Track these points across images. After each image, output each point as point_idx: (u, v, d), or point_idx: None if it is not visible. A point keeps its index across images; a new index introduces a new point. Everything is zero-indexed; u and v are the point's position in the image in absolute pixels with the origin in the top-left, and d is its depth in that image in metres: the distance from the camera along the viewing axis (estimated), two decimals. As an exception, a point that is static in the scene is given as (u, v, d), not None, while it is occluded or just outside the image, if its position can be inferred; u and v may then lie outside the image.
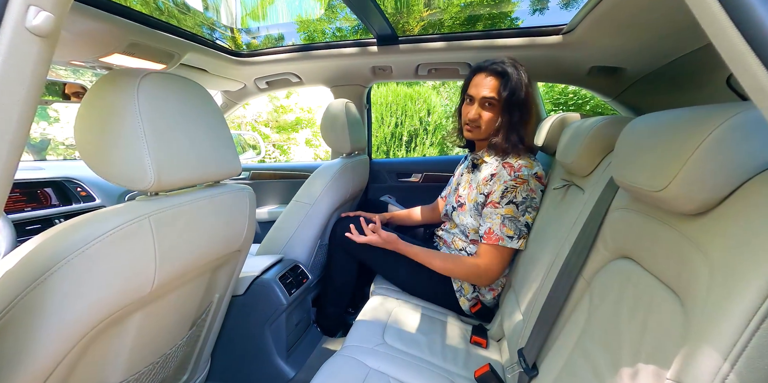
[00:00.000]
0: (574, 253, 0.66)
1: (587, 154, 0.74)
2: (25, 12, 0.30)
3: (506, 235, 0.91)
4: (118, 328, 0.52)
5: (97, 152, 0.48)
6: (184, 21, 2.64)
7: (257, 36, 5.46)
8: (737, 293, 0.31)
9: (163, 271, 0.51)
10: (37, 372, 0.39)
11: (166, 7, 2.69)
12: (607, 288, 0.56)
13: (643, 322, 0.45)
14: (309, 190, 1.16)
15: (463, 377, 0.80)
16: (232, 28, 4.17)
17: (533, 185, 0.92)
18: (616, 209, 0.59)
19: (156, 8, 2.58)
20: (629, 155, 0.50)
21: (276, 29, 5.56)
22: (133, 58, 0.92)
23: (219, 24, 3.19)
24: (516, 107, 0.93)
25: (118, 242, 0.45)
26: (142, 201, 0.51)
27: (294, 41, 5.85)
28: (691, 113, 0.42)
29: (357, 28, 6.25)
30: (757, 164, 0.35)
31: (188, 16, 2.59)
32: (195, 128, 0.57)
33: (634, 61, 1.04)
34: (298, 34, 6.33)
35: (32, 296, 0.38)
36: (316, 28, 6.27)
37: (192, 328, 0.73)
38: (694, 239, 0.39)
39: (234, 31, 3.38)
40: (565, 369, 0.57)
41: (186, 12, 2.70)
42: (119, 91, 0.47)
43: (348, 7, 0.98)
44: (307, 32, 6.17)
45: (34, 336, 0.39)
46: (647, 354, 0.42)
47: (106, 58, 0.88)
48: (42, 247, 0.40)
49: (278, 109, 6.69)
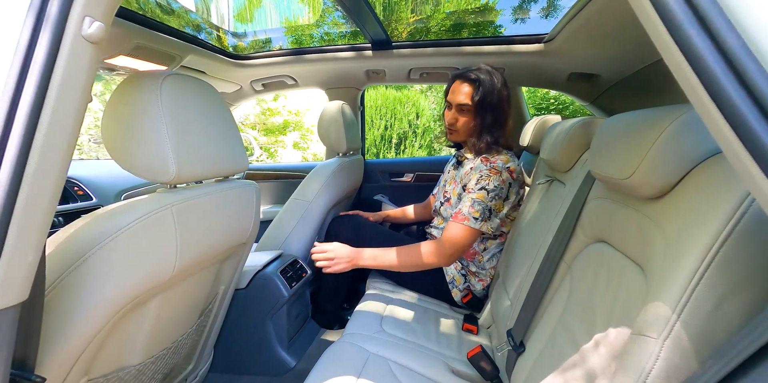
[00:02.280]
0: (557, 240, 0.73)
1: (568, 151, 0.82)
2: (81, 22, 0.34)
3: (472, 216, 0.95)
4: (140, 312, 0.55)
5: (124, 147, 0.51)
6: (168, 21, 2.62)
7: (244, 39, 5.43)
8: (683, 259, 0.38)
9: (183, 258, 0.55)
10: (74, 346, 0.43)
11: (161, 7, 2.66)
12: (585, 269, 0.63)
13: (614, 295, 0.52)
14: (307, 188, 1.20)
15: (457, 360, 0.85)
16: (218, 29, 4.13)
17: (505, 176, 0.98)
18: (593, 199, 0.67)
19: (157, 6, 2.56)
20: (603, 150, 0.57)
21: (263, 33, 5.53)
22: (137, 60, 0.95)
23: (204, 25, 3.17)
24: (488, 111, 1.00)
25: (146, 229, 0.48)
26: (164, 193, 0.55)
27: (281, 45, 5.86)
28: (651, 113, 0.49)
29: (345, 32, 6.31)
30: (701, 154, 0.42)
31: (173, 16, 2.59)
32: (209, 126, 0.61)
33: (608, 68, 1.14)
34: (286, 38, 6.34)
35: (73, 276, 0.42)
36: (303, 31, 6.30)
37: (200, 317, 0.76)
38: (654, 219, 0.46)
39: (220, 32, 3.38)
40: (549, 343, 0.63)
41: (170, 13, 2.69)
42: (144, 92, 0.51)
43: (345, 13, 1.03)
44: (295, 36, 6.20)
45: (74, 312, 0.42)
46: (616, 320, 0.49)
47: (111, 59, 0.90)
48: (79, 233, 0.44)
49: (266, 111, 6.65)
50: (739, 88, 0.23)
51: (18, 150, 0.31)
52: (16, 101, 0.31)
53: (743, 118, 0.23)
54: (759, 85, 0.23)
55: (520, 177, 1.05)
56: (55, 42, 0.32)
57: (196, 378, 0.86)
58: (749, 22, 0.23)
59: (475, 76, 1.00)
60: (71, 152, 0.36)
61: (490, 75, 1.00)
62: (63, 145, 0.34)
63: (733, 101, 0.23)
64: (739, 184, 0.36)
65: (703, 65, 0.24)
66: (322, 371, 0.72)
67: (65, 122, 0.34)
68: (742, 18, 0.23)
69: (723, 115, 0.24)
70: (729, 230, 0.35)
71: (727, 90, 0.23)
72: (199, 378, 0.88)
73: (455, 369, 0.82)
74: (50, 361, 0.42)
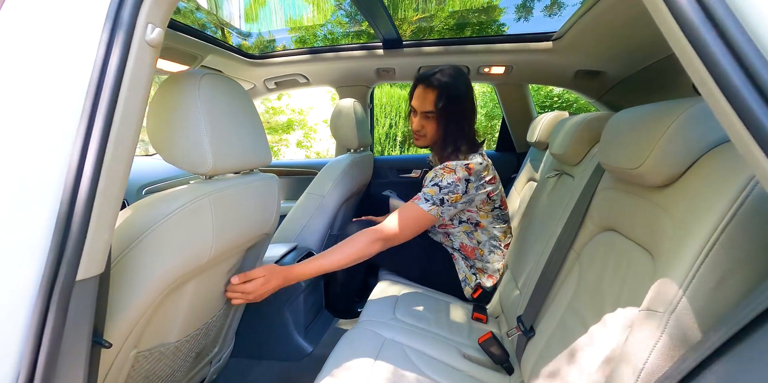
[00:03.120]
0: (566, 231, 0.76)
1: (577, 145, 0.85)
2: (145, 28, 0.38)
3: (425, 196, 0.93)
4: (179, 293, 0.59)
5: (167, 142, 0.55)
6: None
7: (248, 38, 5.47)
8: (689, 240, 0.41)
9: (217, 243, 0.59)
10: (131, 318, 0.47)
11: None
12: (593, 257, 0.66)
13: (623, 279, 0.55)
14: (321, 183, 1.24)
15: (468, 345, 0.89)
16: (222, 29, 4.17)
17: (461, 174, 0.94)
18: (602, 190, 0.70)
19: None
20: (613, 142, 0.61)
21: (268, 32, 5.59)
22: (162, 60, 0.99)
23: (209, 24, 3.20)
24: (452, 116, 0.98)
25: (188, 215, 0.53)
26: (200, 184, 0.59)
27: (285, 44, 5.89)
28: (660, 107, 0.53)
29: (348, 31, 6.34)
30: (707, 144, 0.46)
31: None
32: (240, 122, 0.65)
33: (615, 66, 1.17)
34: (290, 37, 6.39)
35: (131, 255, 0.46)
36: (308, 31, 6.34)
37: (226, 303, 0.80)
38: (662, 206, 0.49)
39: (225, 32, 3.41)
40: (559, 326, 0.67)
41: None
42: (183, 90, 0.55)
43: (359, 12, 1.07)
44: (299, 35, 6.24)
45: (132, 287, 0.46)
46: (624, 301, 0.52)
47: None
48: (134, 217, 0.48)
49: (270, 110, 6.70)
50: (746, 81, 0.26)
51: (99, 142, 0.35)
52: (97, 99, 0.35)
53: (748, 107, 0.26)
54: (762, 76, 0.26)
55: (487, 172, 1.00)
56: (126, 46, 0.36)
57: (219, 362, 0.91)
58: (753, 18, 0.26)
59: (438, 81, 0.96)
60: (136, 144, 0.40)
61: (452, 78, 0.97)
62: (131, 137, 0.38)
63: (740, 92, 0.26)
64: (743, 171, 0.39)
65: (713, 59, 0.27)
66: (341, 354, 0.76)
67: (132, 117, 0.38)
68: (747, 15, 0.27)
69: (730, 104, 0.27)
70: (733, 212, 0.38)
71: (734, 82, 0.26)
72: (222, 361, 0.92)
73: (467, 354, 0.86)
74: (113, 330, 0.46)
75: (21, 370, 0.32)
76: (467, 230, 1.11)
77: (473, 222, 1.09)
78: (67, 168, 0.34)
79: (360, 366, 0.71)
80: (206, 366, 0.86)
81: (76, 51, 0.35)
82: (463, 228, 1.11)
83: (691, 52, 0.29)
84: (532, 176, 1.42)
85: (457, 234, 1.12)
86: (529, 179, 1.43)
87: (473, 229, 1.10)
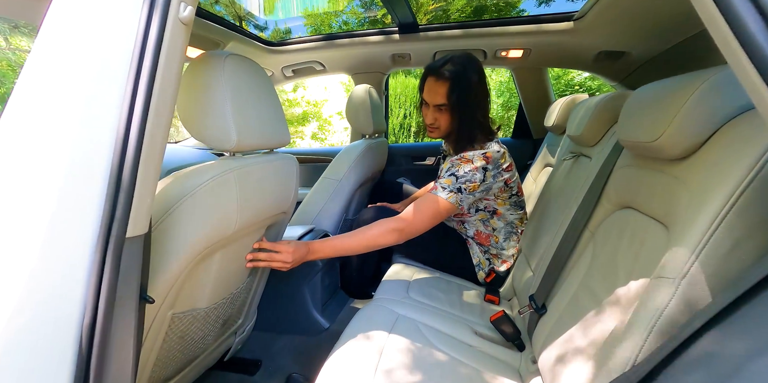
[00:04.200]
0: (581, 210, 0.76)
1: (596, 125, 0.84)
2: (178, 6, 0.40)
3: (441, 186, 0.93)
4: (208, 262, 0.64)
5: (195, 119, 0.59)
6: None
7: (265, 29, 5.51)
8: (705, 206, 0.41)
9: (242, 216, 0.63)
10: (169, 279, 0.52)
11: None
12: (608, 235, 0.66)
13: (636, 254, 0.56)
14: (337, 167, 1.27)
15: (480, 324, 0.91)
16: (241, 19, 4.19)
17: (478, 163, 0.94)
18: (619, 168, 0.69)
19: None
20: (632, 117, 0.60)
21: (284, 22, 5.60)
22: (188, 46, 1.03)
23: (228, 16, 3.22)
24: (466, 107, 0.96)
25: (215, 188, 0.56)
26: (226, 160, 0.63)
27: (300, 35, 5.91)
28: (680, 79, 0.52)
29: (363, 21, 6.28)
30: (727, 114, 0.45)
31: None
32: (262, 102, 0.68)
33: (639, 45, 1.13)
34: (305, 28, 6.38)
35: (166, 222, 0.51)
36: (323, 21, 6.33)
37: (249, 276, 0.85)
38: (681, 177, 0.49)
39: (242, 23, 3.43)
40: (571, 303, 0.68)
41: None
42: (210, 70, 0.58)
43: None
44: (314, 26, 6.24)
45: (166, 252, 0.51)
46: (637, 273, 0.53)
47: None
48: (169, 188, 0.53)
49: (285, 102, 6.78)
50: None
51: (141, 112, 0.38)
52: (139, 71, 0.38)
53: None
54: None
55: (504, 160, 0.99)
56: (162, 22, 0.39)
57: (243, 333, 0.97)
58: None
59: (449, 72, 0.94)
60: (171, 115, 0.43)
61: (464, 67, 0.94)
62: (168, 109, 0.42)
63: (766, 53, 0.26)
64: (763, 139, 0.39)
65: (743, 28, 0.27)
66: (356, 327, 0.80)
67: (169, 89, 0.41)
68: None
69: (755, 66, 0.27)
70: (750, 178, 0.38)
71: (759, 42, 0.26)
72: (246, 333, 0.98)
73: (479, 331, 0.88)
74: (153, 289, 0.51)
75: (86, 312, 0.36)
76: (483, 218, 1.11)
77: (490, 210, 1.09)
78: (115, 136, 0.38)
79: (374, 338, 0.75)
80: (231, 335, 0.93)
81: (120, 26, 0.38)
82: (479, 216, 1.11)
83: (722, 24, 0.29)
84: (548, 161, 1.40)
85: (473, 222, 1.12)
86: (545, 165, 1.41)
87: (489, 217, 1.10)
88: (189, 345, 0.69)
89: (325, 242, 0.90)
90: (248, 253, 0.78)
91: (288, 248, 0.82)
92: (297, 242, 0.85)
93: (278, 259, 0.81)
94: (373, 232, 0.90)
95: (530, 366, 0.75)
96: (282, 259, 0.81)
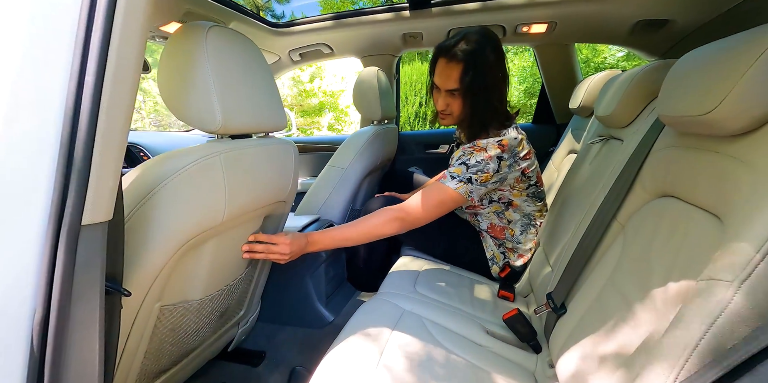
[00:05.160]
0: (609, 199, 0.67)
1: (631, 101, 0.73)
2: None
3: (450, 175, 0.86)
4: (198, 252, 0.61)
5: (176, 97, 0.54)
6: None
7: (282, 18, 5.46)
8: (777, 192, 0.32)
9: (231, 204, 0.59)
10: (150, 270, 0.49)
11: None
12: (641, 227, 0.57)
13: (677, 248, 0.47)
14: (342, 155, 1.21)
15: (492, 322, 0.84)
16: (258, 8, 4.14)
17: (492, 151, 0.86)
18: (659, 149, 0.59)
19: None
20: (677, 88, 0.50)
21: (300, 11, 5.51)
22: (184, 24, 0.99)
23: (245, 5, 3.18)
24: (481, 91, 0.87)
25: (197, 173, 0.52)
26: (213, 143, 0.58)
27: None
28: (743, 36, 0.42)
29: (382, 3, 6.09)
30: None
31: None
32: (252, 81, 0.63)
33: (685, 11, 0.98)
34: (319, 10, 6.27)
35: (143, 209, 0.47)
36: (339, 8, 6.20)
37: (248, 267, 0.82)
38: (740, 157, 0.40)
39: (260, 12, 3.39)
40: (595, 303, 0.60)
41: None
42: (191, 42, 0.53)
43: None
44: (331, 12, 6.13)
45: (148, 239, 0.48)
46: (678, 272, 0.44)
47: (166, 26, 0.95)
48: (146, 172, 0.49)
49: (302, 93, 6.78)
50: None
51: (95, 76, 0.33)
52: (90, 28, 0.33)
53: None
54: None
55: (522, 147, 0.90)
56: None
57: (247, 324, 0.95)
58: None
59: (463, 52, 0.83)
60: (136, 85, 0.38)
61: (479, 45, 0.83)
62: (130, 75, 0.36)
63: None
64: None
65: None
66: (358, 322, 0.75)
67: (130, 51, 0.35)
68: None
69: None
70: None
71: None
72: (249, 324, 0.96)
73: (490, 330, 0.81)
74: (132, 281, 0.48)
75: (37, 308, 0.33)
76: (497, 210, 1.03)
77: (505, 202, 1.00)
78: (63, 107, 0.33)
79: (376, 334, 0.70)
80: (234, 327, 0.91)
81: None
82: (493, 208, 1.02)
83: None
84: (572, 147, 1.28)
85: (486, 215, 1.04)
86: (570, 152, 1.29)
87: (504, 209, 1.02)
88: (182, 338, 0.67)
89: (325, 233, 0.85)
90: (244, 244, 0.75)
91: (285, 240, 0.78)
92: (295, 234, 0.81)
93: (275, 251, 0.77)
94: (374, 221, 0.85)
95: (547, 371, 0.68)
96: (279, 251, 0.77)
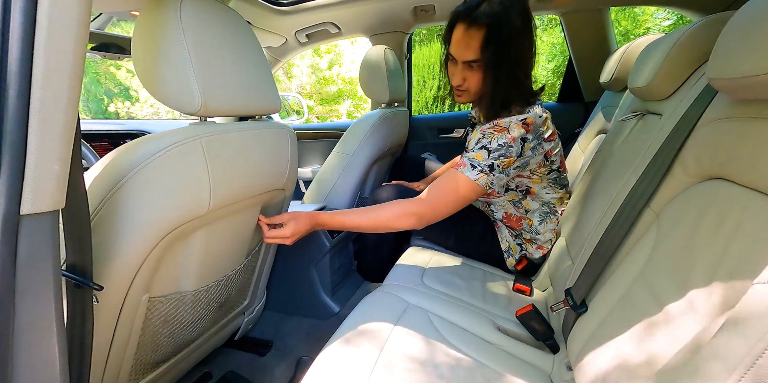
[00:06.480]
0: (642, 184, 0.58)
1: (674, 68, 0.61)
2: None
3: (470, 162, 0.77)
4: (186, 242, 0.58)
5: (152, 75, 0.50)
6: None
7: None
8: None
9: (217, 193, 0.55)
10: (128, 263, 0.47)
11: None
12: (681, 215, 0.48)
13: (726, 241, 0.38)
14: (348, 141, 1.16)
15: (504, 318, 0.78)
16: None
17: (516, 132, 0.76)
18: (707, 123, 0.49)
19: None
20: (736, 45, 0.40)
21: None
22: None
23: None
24: (504, 64, 0.75)
25: (175, 158, 0.48)
26: (194, 126, 0.55)
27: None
28: None
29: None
30: None
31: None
32: (238, 57, 0.58)
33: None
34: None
35: (115, 198, 0.44)
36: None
37: (248, 257, 0.79)
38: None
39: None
40: (622, 302, 0.52)
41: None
42: (163, 12, 0.48)
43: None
44: None
45: (122, 230, 0.45)
46: (727, 271, 0.36)
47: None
48: (117, 160, 0.46)
49: (321, 80, 6.71)
50: None
51: (20, 45, 0.28)
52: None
53: None
54: None
55: (546, 127, 0.80)
56: None
57: (252, 314, 0.94)
58: None
59: (486, 16, 0.71)
60: (83, 51, 0.33)
61: (504, 8, 0.72)
62: (72, 37, 0.31)
63: None
64: None
65: None
66: (359, 316, 0.71)
67: (69, 16, 0.31)
68: None
69: None
70: None
71: None
72: (255, 313, 0.96)
73: (502, 327, 0.75)
74: (107, 274, 0.46)
75: None
76: (514, 199, 0.93)
77: (522, 190, 0.91)
78: None
79: (378, 329, 0.66)
80: (239, 316, 0.90)
81: None
82: (509, 197, 0.93)
83: None
84: (602, 127, 1.15)
85: (501, 204, 0.96)
86: (599, 132, 1.17)
87: (521, 197, 0.93)
88: (178, 329, 0.66)
89: (335, 217, 0.80)
90: (243, 232, 0.72)
91: (282, 219, 0.75)
92: (294, 213, 0.77)
93: (275, 234, 0.73)
94: (388, 214, 0.79)
95: (564, 374, 0.62)
96: (279, 234, 0.73)
